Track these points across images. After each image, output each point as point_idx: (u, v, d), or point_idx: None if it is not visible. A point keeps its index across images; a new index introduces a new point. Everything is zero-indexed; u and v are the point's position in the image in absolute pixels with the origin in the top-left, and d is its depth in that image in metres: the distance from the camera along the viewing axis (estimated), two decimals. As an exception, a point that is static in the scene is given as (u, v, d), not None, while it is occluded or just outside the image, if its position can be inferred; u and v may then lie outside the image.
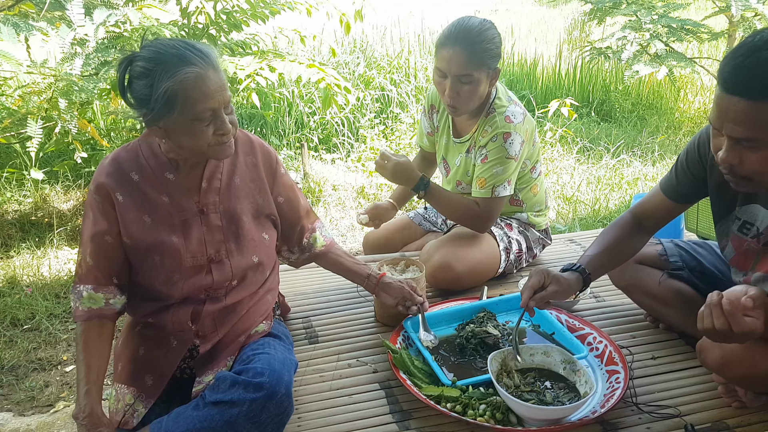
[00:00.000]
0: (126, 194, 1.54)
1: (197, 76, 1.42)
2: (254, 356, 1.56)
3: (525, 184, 2.29)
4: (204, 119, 1.45)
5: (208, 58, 1.45)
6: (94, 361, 1.51)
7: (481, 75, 2.04)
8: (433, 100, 2.37)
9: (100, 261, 1.55)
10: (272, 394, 1.42)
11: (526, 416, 1.52)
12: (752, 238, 1.52)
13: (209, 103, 1.43)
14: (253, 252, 1.67)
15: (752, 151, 1.27)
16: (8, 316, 2.74)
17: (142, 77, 1.42)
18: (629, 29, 5.06)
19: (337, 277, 2.38)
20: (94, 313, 1.55)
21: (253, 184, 1.68)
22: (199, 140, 1.47)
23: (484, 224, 2.21)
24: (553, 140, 4.95)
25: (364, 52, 5.80)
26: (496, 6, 12.75)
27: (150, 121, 1.46)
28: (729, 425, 1.55)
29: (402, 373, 1.71)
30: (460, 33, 2.02)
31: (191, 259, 1.58)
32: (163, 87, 1.39)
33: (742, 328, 1.25)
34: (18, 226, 3.62)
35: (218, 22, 3.52)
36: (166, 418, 1.49)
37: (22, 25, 3.09)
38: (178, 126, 1.45)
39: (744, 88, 1.21)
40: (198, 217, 1.60)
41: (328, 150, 4.91)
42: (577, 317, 1.97)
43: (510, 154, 2.11)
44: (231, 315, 1.64)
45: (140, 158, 1.57)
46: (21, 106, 3.39)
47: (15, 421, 2.09)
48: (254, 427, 1.42)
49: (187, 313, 1.60)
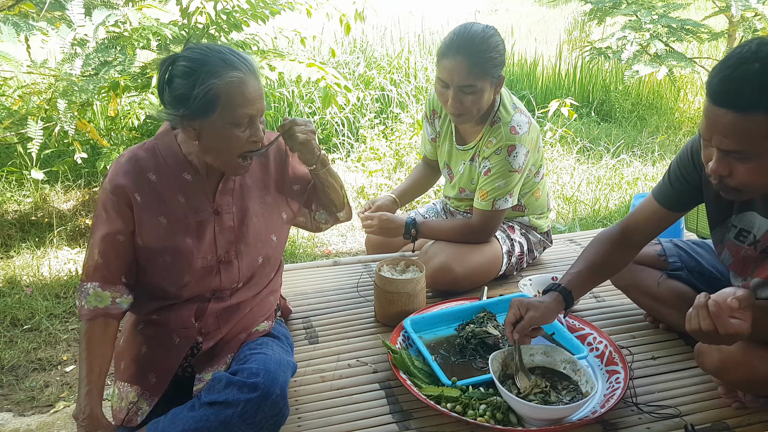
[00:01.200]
0: (144, 195, 1.54)
1: (241, 81, 1.44)
2: (251, 356, 1.55)
3: (528, 189, 2.27)
4: (242, 124, 1.46)
5: (251, 65, 1.48)
6: (96, 362, 1.50)
7: (484, 84, 2.01)
8: (434, 105, 2.34)
9: (110, 259, 1.54)
10: (267, 394, 1.41)
11: (528, 416, 1.52)
12: (749, 245, 1.51)
13: (249, 109, 1.45)
14: (261, 253, 1.67)
15: (742, 162, 1.27)
16: (8, 316, 2.74)
17: (185, 76, 1.43)
18: (629, 29, 5.06)
19: (337, 277, 2.39)
20: (100, 312, 1.53)
21: (263, 184, 1.69)
22: (233, 145, 1.48)
23: (483, 238, 2.22)
24: (553, 140, 4.95)
25: (364, 52, 5.80)
26: (496, 6, 12.75)
27: (185, 121, 1.46)
28: (729, 425, 1.56)
29: (402, 373, 1.71)
30: (462, 42, 1.97)
31: (202, 260, 1.58)
32: (207, 86, 1.41)
33: (728, 329, 1.25)
34: (18, 226, 3.62)
35: (218, 22, 3.52)
36: (163, 418, 1.49)
37: (22, 25, 3.09)
38: (215, 129, 1.46)
39: (732, 101, 1.21)
40: (212, 218, 1.60)
41: (328, 150, 4.90)
42: (577, 317, 1.97)
43: (513, 167, 2.10)
44: (234, 313, 1.65)
45: (158, 157, 1.57)
46: (21, 106, 3.39)
47: (15, 421, 2.09)
48: (249, 428, 1.41)
49: (191, 311, 1.60)
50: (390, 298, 2.01)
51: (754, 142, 1.22)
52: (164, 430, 1.46)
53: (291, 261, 3.30)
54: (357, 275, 2.42)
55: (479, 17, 9.26)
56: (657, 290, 1.89)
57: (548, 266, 2.48)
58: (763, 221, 1.46)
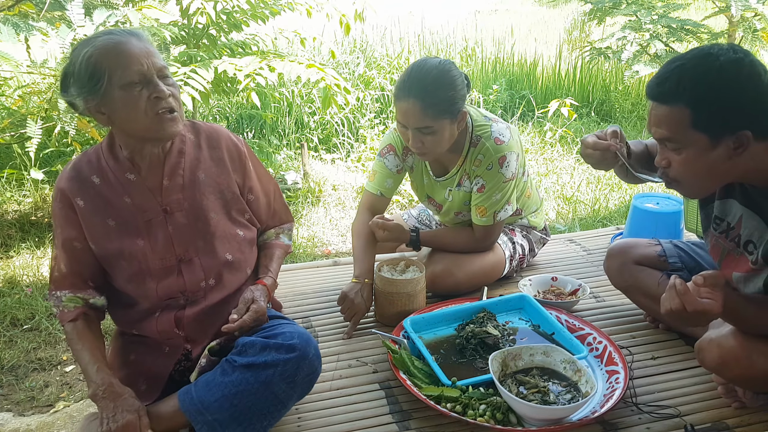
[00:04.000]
0: (87, 199, 1.52)
1: (117, 42, 1.42)
2: (275, 327, 1.57)
3: (520, 191, 2.25)
4: (134, 83, 1.41)
5: (130, 32, 1.46)
6: (94, 347, 1.53)
7: (442, 124, 1.92)
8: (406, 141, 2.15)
9: (73, 267, 1.56)
10: (304, 354, 1.48)
11: (528, 416, 1.52)
12: (721, 233, 1.54)
13: (135, 65, 1.41)
14: (226, 250, 1.62)
15: (676, 153, 1.39)
16: (8, 316, 2.74)
17: (69, 63, 1.43)
18: (629, 29, 5.06)
19: (336, 278, 2.39)
20: (80, 311, 1.56)
21: (220, 179, 1.63)
22: (136, 109, 1.42)
23: (487, 248, 2.21)
24: (553, 140, 4.95)
25: (364, 53, 5.80)
26: (496, 6, 12.74)
27: (90, 108, 1.45)
28: (729, 425, 1.56)
29: (402, 373, 1.71)
30: (414, 84, 1.88)
31: (160, 260, 1.56)
32: (84, 55, 1.40)
33: (695, 307, 1.30)
34: (18, 226, 3.62)
35: (218, 23, 3.52)
36: (193, 387, 1.49)
37: (22, 25, 3.09)
38: (115, 100, 1.42)
39: (657, 94, 1.38)
40: (162, 216, 1.56)
41: (328, 150, 4.91)
42: (577, 317, 1.97)
43: (507, 177, 2.07)
44: (215, 316, 1.62)
45: (101, 161, 1.55)
46: (21, 106, 3.39)
47: (15, 421, 2.09)
48: (289, 386, 1.47)
49: (170, 320, 1.58)
50: (390, 298, 2.01)
51: (679, 132, 1.35)
52: (201, 398, 1.46)
53: (290, 261, 3.30)
54: (357, 275, 2.42)
55: (479, 17, 9.24)
56: (657, 290, 1.89)
57: (548, 266, 2.49)
58: (739, 208, 1.49)
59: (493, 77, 6.17)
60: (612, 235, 2.77)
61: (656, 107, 1.38)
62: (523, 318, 2.01)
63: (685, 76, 1.33)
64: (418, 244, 2.22)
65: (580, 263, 2.53)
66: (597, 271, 2.42)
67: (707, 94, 1.31)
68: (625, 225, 2.68)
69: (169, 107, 1.45)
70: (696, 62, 1.34)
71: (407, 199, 4.09)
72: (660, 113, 1.37)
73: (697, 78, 1.32)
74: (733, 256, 1.51)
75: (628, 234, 2.57)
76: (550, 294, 2.19)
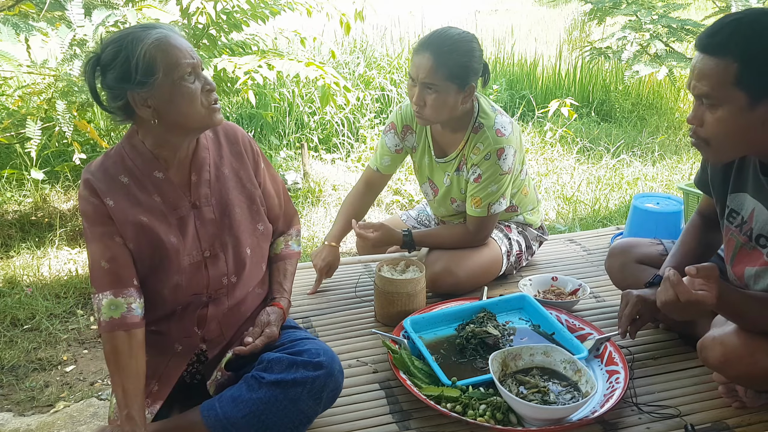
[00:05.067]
0: (117, 199, 1.49)
1: (166, 36, 1.43)
2: (297, 342, 1.59)
3: (516, 188, 2.27)
4: (188, 76, 1.43)
5: (168, 26, 1.48)
6: (129, 382, 1.43)
7: (448, 87, 1.97)
8: (407, 119, 2.26)
9: (116, 261, 1.49)
10: (330, 372, 1.50)
11: (528, 416, 1.52)
12: (736, 227, 1.54)
13: (187, 59, 1.43)
14: (248, 244, 1.62)
15: (711, 110, 1.35)
16: (8, 316, 2.74)
17: (116, 56, 1.41)
18: (629, 29, 5.06)
19: (336, 278, 2.39)
20: (116, 323, 1.46)
21: (242, 173, 1.65)
22: (193, 99, 1.44)
23: (480, 242, 2.22)
24: (553, 140, 4.95)
25: (364, 52, 5.80)
26: (496, 6, 12.73)
27: (137, 100, 1.43)
28: (729, 425, 1.56)
29: (402, 373, 1.71)
30: (434, 40, 1.97)
31: (188, 257, 1.55)
32: (141, 51, 1.39)
33: (688, 297, 1.31)
34: (18, 226, 3.62)
35: (218, 23, 3.52)
36: (217, 402, 1.48)
37: (22, 25, 3.09)
38: (167, 92, 1.42)
39: (706, 45, 1.33)
40: (192, 212, 1.56)
41: (328, 150, 4.90)
42: (577, 317, 1.97)
43: (504, 169, 2.09)
44: (235, 317, 1.63)
45: (126, 160, 1.52)
46: (21, 106, 3.39)
47: (15, 421, 2.09)
48: (316, 402, 1.49)
49: (192, 319, 1.58)
50: (390, 298, 2.01)
51: (721, 88, 1.31)
52: (227, 414, 1.45)
53: (291, 261, 3.29)
54: (357, 275, 2.42)
55: (479, 17, 9.24)
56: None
57: (548, 266, 2.49)
58: (751, 202, 1.48)
59: (493, 77, 6.17)
60: (612, 235, 2.77)
61: (702, 59, 1.34)
62: (523, 318, 2.01)
63: (739, 30, 1.29)
64: (412, 244, 2.23)
65: (580, 263, 2.53)
66: (597, 271, 2.42)
67: (759, 51, 1.28)
68: (626, 225, 2.68)
69: (216, 98, 1.51)
70: (754, 18, 1.31)
71: (407, 200, 4.09)
72: (705, 66, 1.33)
73: (752, 33, 1.29)
74: (746, 250, 1.51)
75: (629, 234, 2.57)
76: (550, 294, 2.19)
